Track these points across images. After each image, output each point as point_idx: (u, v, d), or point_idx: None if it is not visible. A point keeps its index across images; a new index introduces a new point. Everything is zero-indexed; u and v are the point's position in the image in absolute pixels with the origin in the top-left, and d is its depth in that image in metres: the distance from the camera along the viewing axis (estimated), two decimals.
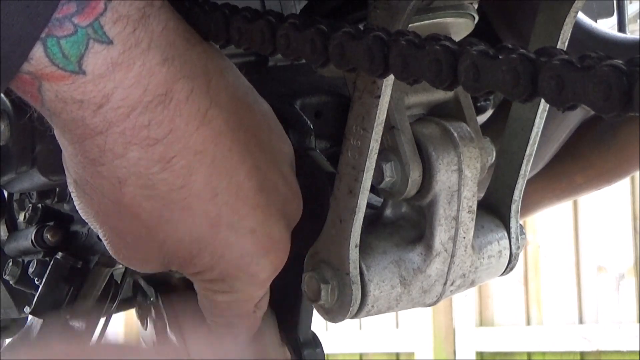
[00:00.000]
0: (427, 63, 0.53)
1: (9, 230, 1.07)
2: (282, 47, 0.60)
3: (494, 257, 0.72)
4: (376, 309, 0.67)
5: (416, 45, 0.54)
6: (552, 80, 0.48)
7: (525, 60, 0.49)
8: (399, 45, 0.55)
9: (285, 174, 0.66)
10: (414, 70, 0.54)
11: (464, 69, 0.52)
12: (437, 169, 0.66)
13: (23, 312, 1.08)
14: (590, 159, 1.07)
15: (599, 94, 0.46)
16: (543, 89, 0.48)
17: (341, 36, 0.57)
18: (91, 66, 0.56)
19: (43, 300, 0.95)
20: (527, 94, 0.49)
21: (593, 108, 0.46)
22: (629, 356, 4.59)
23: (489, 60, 0.51)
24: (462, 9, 0.68)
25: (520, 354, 5.02)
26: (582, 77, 0.47)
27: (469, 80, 0.52)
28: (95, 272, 0.95)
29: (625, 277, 4.74)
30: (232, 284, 0.66)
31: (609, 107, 0.46)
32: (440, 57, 0.53)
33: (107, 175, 0.60)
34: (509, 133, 0.72)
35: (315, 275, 0.67)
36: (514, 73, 0.49)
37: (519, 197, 0.73)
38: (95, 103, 0.57)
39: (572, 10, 0.66)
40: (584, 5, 0.71)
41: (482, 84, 0.51)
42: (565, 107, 0.48)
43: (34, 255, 1.00)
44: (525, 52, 0.50)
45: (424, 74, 0.54)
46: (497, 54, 0.51)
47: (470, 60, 0.51)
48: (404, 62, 0.54)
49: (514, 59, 0.49)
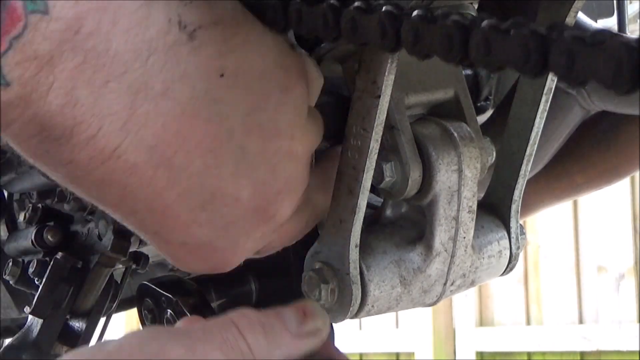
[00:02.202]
0: (439, 37, 0.53)
1: (9, 230, 1.07)
2: (295, 22, 0.59)
3: (494, 257, 0.72)
4: (376, 309, 0.68)
5: (428, 19, 0.54)
6: (563, 55, 0.48)
7: (536, 35, 0.49)
8: (410, 20, 0.54)
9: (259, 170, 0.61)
10: (425, 44, 0.54)
11: (475, 44, 0.51)
12: (437, 169, 0.66)
13: (23, 312, 1.08)
14: (591, 159, 1.07)
15: (609, 69, 0.46)
16: (554, 63, 0.48)
17: (353, 11, 0.57)
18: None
19: (43, 300, 0.95)
20: (537, 69, 0.49)
21: (603, 84, 0.46)
22: (629, 356, 4.59)
23: (500, 35, 0.50)
24: (462, 9, 0.68)
25: (520, 354, 5.02)
26: (592, 52, 0.46)
27: (480, 55, 0.51)
28: (95, 272, 0.96)
29: (625, 277, 4.74)
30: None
31: (619, 83, 0.45)
32: (452, 32, 0.52)
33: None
34: (509, 133, 0.72)
35: (315, 275, 0.67)
36: (525, 48, 0.49)
37: (519, 197, 0.73)
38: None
39: (572, 10, 0.66)
40: (584, 5, 0.71)
41: (493, 58, 0.51)
42: (576, 83, 0.48)
43: (34, 255, 1.00)
44: (537, 28, 0.49)
45: (435, 49, 0.53)
46: (508, 29, 0.50)
47: (481, 35, 0.51)
48: (415, 37, 0.54)
49: (525, 34, 0.49)
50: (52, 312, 0.95)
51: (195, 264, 0.65)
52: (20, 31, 0.52)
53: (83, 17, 0.53)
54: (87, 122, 0.55)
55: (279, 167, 0.61)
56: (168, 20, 0.55)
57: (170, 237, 0.62)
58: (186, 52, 0.56)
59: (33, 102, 0.54)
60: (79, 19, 0.53)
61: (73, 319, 0.98)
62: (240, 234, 0.62)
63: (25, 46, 0.52)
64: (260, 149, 0.60)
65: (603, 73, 0.46)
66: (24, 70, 0.53)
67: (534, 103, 0.70)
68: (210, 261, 0.64)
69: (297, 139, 0.61)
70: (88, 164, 0.56)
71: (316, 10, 0.58)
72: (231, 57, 0.58)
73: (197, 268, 0.66)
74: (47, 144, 0.56)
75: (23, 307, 1.06)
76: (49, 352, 0.96)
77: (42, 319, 0.96)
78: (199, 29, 0.56)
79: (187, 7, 0.56)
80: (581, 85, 0.48)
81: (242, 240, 0.63)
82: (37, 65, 0.53)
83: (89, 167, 0.57)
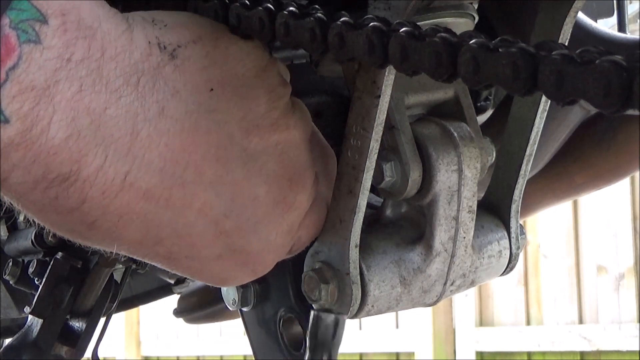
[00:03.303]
0: (427, 55, 0.53)
1: (9, 230, 1.07)
2: (282, 35, 0.60)
3: (494, 257, 0.72)
4: (376, 309, 0.67)
5: (416, 37, 0.54)
6: (552, 75, 0.48)
7: (525, 54, 0.49)
8: (398, 36, 0.54)
9: (271, 169, 0.63)
10: (413, 61, 0.54)
11: (463, 62, 0.52)
12: (437, 169, 0.66)
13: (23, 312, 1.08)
14: (590, 159, 1.07)
15: (599, 89, 0.46)
16: (543, 83, 0.48)
17: (340, 26, 0.57)
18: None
19: (43, 300, 0.95)
20: (526, 88, 0.49)
21: (593, 103, 0.46)
22: (629, 356, 4.59)
23: (489, 53, 0.51)
24: (462, 9, 0.68)
25: (520, 354, 5.02)
26: (582, 72, 0.47)
27: (469, 73, 0.51)
28: (95, 272, 0.96)
29: (625, 277, 4.74)
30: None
31: (608, 102, 0.45)
32: (440, 49, 0.52)
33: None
34: (509, 133, 0.72)
35: (315, 275, 0.67)
36: (514, 67, 0.49)
37: (519, 197, 0.73)
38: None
39: (572, 10, 0.66)
40: (584, 5, 0.71)
41: (481, 77, 0.51)
42: (565, 102, 0.48)
43: (34, 255, 1.00)
44: (525, 46, 0.49)
45: (424, 66, 0.54)
46: (497, 47, 0.50)
47: (470, 53, 0.51)
48: (403, 53, 0.54)
49: (513, 53, 0.49)
50: (52, 312, 0.95)
51: (236, 275, 0.65)
52: (16, 61, 0.52)
53: (72, 45, 0.53)
54: (92, 153, 0.55)
55: (284, 157, 0.63)
56: (148, 43, 0.57)
57: (203, 254, 0.62)
58: (171, 71, 0.58)
59: (35, 139, 0.53)
60: (68, 46, 0.53)
61: (73, 319, 0.98)
62: (269, 231, 0.63)
63: (21, 77, 0.52)
64: (263, 146, 0.62)
65: (592, 93, 0.46)
66: (22, 103, 0.52)
67: (534, 103, 0.70)
68: (248, 266, 0.64)
69: (292, 127, 0.64)
70: (102, 199, 0.56)
71: (304, 24, 0.58)
72: (215, 70, 0.60)
73: (239, 278, 0.66)
74: (55, 189, 0.55)
75: (23, 307, 1.06)
76: (49, 352, 0.96)
77: (42, 319, 0.96)
78: (178, 48, 0.58)
79: (163, 30, 0.58)
80: (570, 104, 0.48)
81: (273, 237, 0.64)
82: (35, 96, 0.52)
83: (103, 202, 0.56)
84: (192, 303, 1.41)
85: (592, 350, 4.76)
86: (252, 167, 0.61)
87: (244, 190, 0.61)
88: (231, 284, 0.69)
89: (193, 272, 0.64)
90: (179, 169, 0.58)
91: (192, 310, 1.41)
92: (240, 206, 0.61)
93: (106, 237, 0.59)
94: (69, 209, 0.56)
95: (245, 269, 0.64)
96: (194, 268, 0.63)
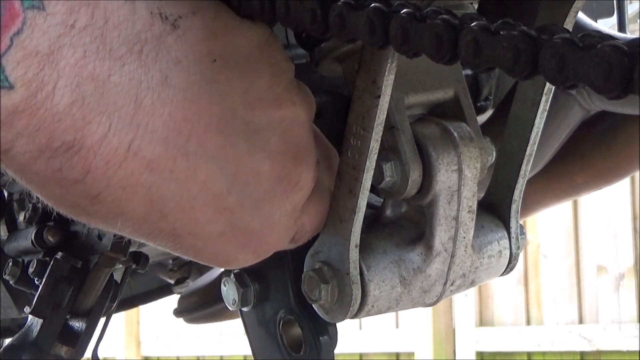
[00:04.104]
0: (428, 36, 0.53)
1: (9, 230, 1.07)
2: (282, 15, 0.59)
3: (494, 257, 0.72)
4: (376, 309, 0.67)
5: (417, 18, 0.54)
6: (553, 59, 0.47)
7: (527, 38, 0.49)
8: (399, 17, 0.54)
9: (275, 146, 0.63)
10: (414, 43, 0.54)
11: (464, 44, 0.51)
12: (437, 169, 0.66)
13: (23, 312, 1.08)
14: (590, 159, 1.07)
15: (600, 73, 0.45)
16: (543, 66, 0.48)
17: (341, 6, 0.57)
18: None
19: (43, 300, 0.95)
20: (527, 72, 0.49)
21: (593, 88, 0.46)
22: (629, 356, 4.59)
23: (490, 36, 0.50)
24: (462, 9, 0.68)
25: (520, 354, 5.02)
26: (583, 56, 0.46)
27: (469, 56, 0.51)
28: (95, 272, 0.96)
29: (625, 277, 4.74)
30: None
31: (609, 87, 0.45)
32: (441, 31, 0.52)
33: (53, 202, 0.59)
34: (509, 133, 0.72)
35: (315, 275, 0.67)
36: (515, 50, 0.49)
37: (519, 197, 0.73)
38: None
39: (572, 10, 0.66)
40: (584, 5, 0.71)
41: (482, 59, 0.51)
42: (565, 86, 0.48)
43: (34, 255, 1.00)
44: (527, 30, 0.49)
45: (424, 48, 0.53)
46: (498, 30, 0.50)
47: (471, 36, 0.51)
48: (404, 35, 0.54)
49: (515, 36, 0.49)
50: (52, 312, 0.95)
51: (239, 254, 0.65)
52: (20, 27, 0.52)
53: (76, 11, 0.54)
54: (96, 121, 0.55)
55: (288, 134, 0.63)
56: (150, 13, 0.58)
57: (205, 231, 0.62)
58: (173, 41, 0.58)
59: (40, 105, 0.53)
60: (72, 13, 0.54)
61: (73, 319, 0.98)
62: (272, 210, 0.63)
63: (25, 42, 0.52)
64: (267, 121, 0.62)
65: (593, 77, 0.46)
66: (27, 68, 0.52)
67: (534, 103, 0.70)
68: (251, 246, 0.64)
69: (297, 105, 0.64)
70: (105, 170, 0.56)
71: (304, 4, 0.58)
72: (215, 42, 0.60)
73: (242, 258, 0.66)
74: (59, 159, 0.55)
75: (23, 307, 1.06)
76: (49, 352, 0.96)
77: (42, 319, 0.96)
78: (179, 18, 0.59)
79: (164, 1, 0.59)
80: (571, 88, 0.48)
81: (276, 216, 0.64)
82: (39, 61, 0.53)
83: (107, 173, 0.56)
84: (192, 303, 1.41)
85: (592, 350, 4.76)
86: (255, 142, 0.61)
87: (246, 164, 0.61)
88: (233, 265, 0.69)
89: (196, 251, 0.64)
90: (182, 139, 0.58)
91: (192, 310, 1.42)
92: (243, 182, 0.61)
93: (110, 212, 0.59)
94: (73, 181, 0.56)
95: (247, 249, 0.64)
96: (197, 247, 0.63)
